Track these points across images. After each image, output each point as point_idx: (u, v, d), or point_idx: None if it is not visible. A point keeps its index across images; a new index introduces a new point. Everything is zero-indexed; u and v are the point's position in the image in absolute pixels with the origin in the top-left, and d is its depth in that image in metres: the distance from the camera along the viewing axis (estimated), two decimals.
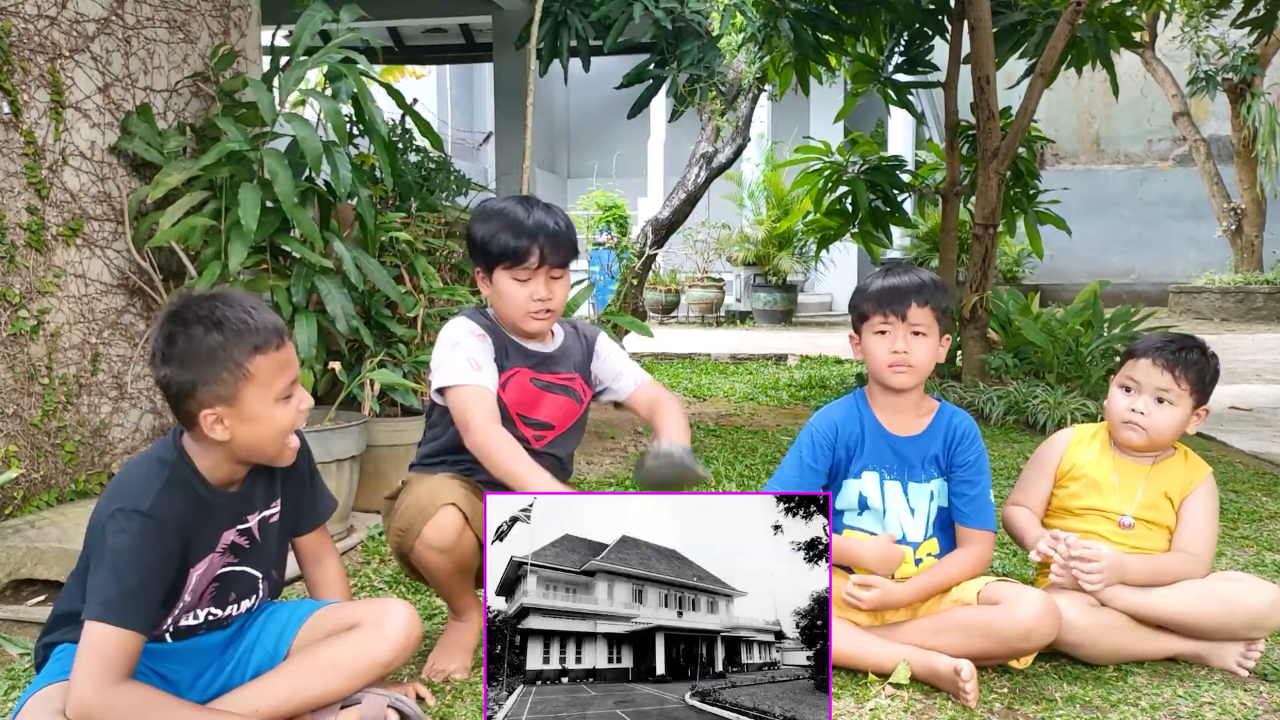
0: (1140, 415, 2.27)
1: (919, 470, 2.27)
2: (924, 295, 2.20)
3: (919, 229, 12.99)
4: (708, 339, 10.61)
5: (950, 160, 6.00)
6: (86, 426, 3.11)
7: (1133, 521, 2.30)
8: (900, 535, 2.27)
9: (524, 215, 2.19)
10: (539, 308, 2.21)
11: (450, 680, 2.12)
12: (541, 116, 16.18)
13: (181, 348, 1.70)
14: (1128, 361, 2.34)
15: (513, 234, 2.17)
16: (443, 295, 3.77)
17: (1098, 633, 2.16)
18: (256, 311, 1.75)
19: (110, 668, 1.62)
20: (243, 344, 1.71)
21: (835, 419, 2.31)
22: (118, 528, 1.68)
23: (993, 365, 5.56)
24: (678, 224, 8.20)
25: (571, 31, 4.75)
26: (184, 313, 1.72)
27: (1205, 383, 2.27)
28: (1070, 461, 2.38)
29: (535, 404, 2.27)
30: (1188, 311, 13.13)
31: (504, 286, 2.21)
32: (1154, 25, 12.73)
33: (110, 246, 3.18)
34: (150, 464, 1.77)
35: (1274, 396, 6.34)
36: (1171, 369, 2.25)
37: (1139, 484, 2.32)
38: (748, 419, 5.57)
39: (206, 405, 1.72)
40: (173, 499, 1.73)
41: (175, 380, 1.72)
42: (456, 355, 2.18)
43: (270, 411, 1.76)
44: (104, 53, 3.14)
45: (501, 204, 2.25)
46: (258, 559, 1.91)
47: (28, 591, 2.56)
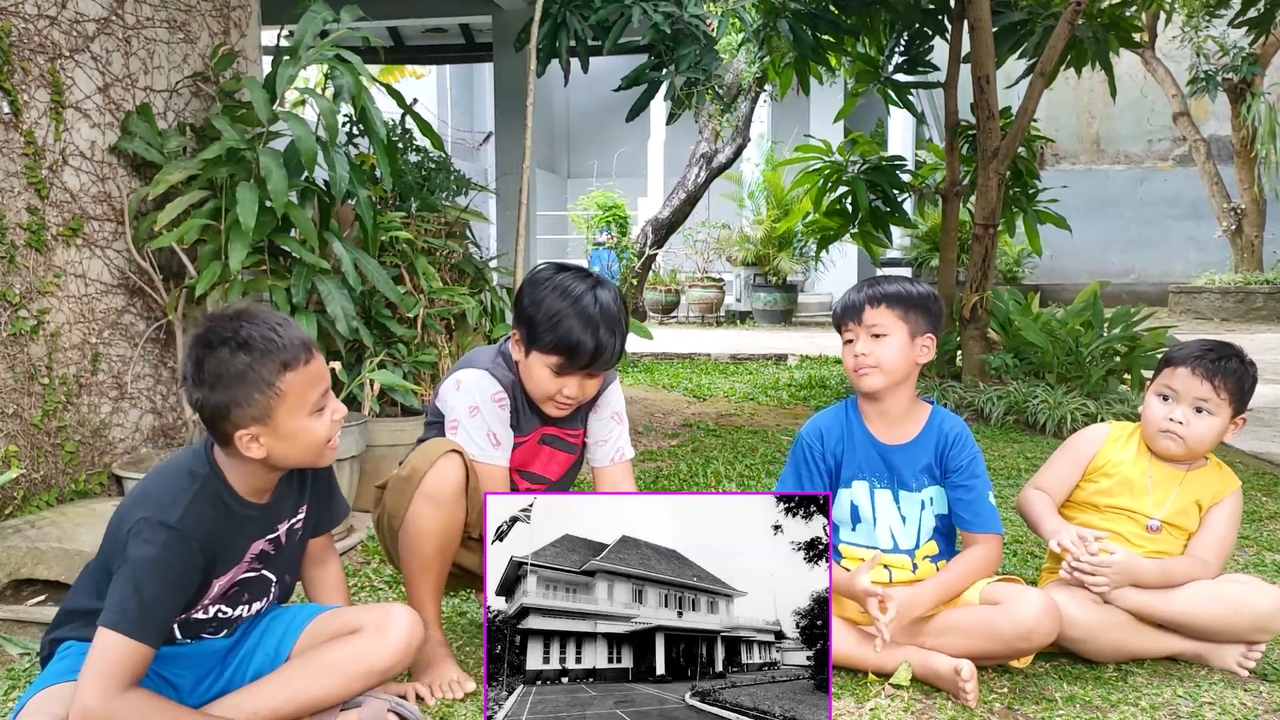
0: (1179, 425, 2.24)
1: (910, 480, 2.25)
2: (878, 297, 2.21)
3: (919, 229, 12.99)
4: (708, 339, 10.61)
5: (950, 160, 6.01)
6: (86, 426, 3.11)
7: (1160, 526, 2.28)
8: (892, 544, 2.25)
9: (591, 316, 2.04)
10: (565, 402, 2.15)
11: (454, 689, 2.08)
12: (541, 116, 16.18)
13: (211, 371, 1.69)
14: (1165, 370, 2.29)
15: (575, 329, 2.04)
16: (442, 295, 3.77)
17: (1100, 629, 2.16)
18: (282, 328, 1.73)
19: (117, 676, 1.62)
20: (271, 362, 1.69)
21: (821, 426, 2.30)
22: (142, 538, 1.67)
23: (993, 365, 5.56)
24: (678, 224, 8.22)
25: (570, 33, 4.75)
26: (210, 335, 1.71)
27: (1244, 391, 2.24)
28: (1105, 457, 2.35)
29: (534, 459, 2.27)
30: (1188, 312, 13.12)
31: (537, 371, 2.11)
32: (1154, 25, 12.73)
33: (110, 246, 3.18)
34: (180, 475, 1.76)
35: (1274, 396, 6.34)
36: (1211, 378, 2.21)
37: (1172, 489, 2.29)
38: (748, 419, 5.57)
39: (241, 426, 1.71)
40: (201, 514, 1.72)
41: (209, 403, 1.71)
42: (477, 424, 2.12)
43: (306, 425, 1.75)
44: (104, 53, 3.14)
45: (571, 284, 2.08)
46: (280, 564, 1.91)
47: (28, 591, 2.56)
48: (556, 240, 15.59)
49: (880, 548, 2.26)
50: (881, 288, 2.23)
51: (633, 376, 7.31)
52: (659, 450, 4.66)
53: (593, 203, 12.48)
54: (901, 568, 2.26)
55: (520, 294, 2.15)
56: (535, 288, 2.11)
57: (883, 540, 2.26)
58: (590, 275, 2.15)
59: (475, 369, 2.17)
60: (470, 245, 4.39)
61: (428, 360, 3.65)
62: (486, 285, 4.24)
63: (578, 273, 2.14)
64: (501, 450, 2.14)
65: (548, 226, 15.04)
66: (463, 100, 17.61)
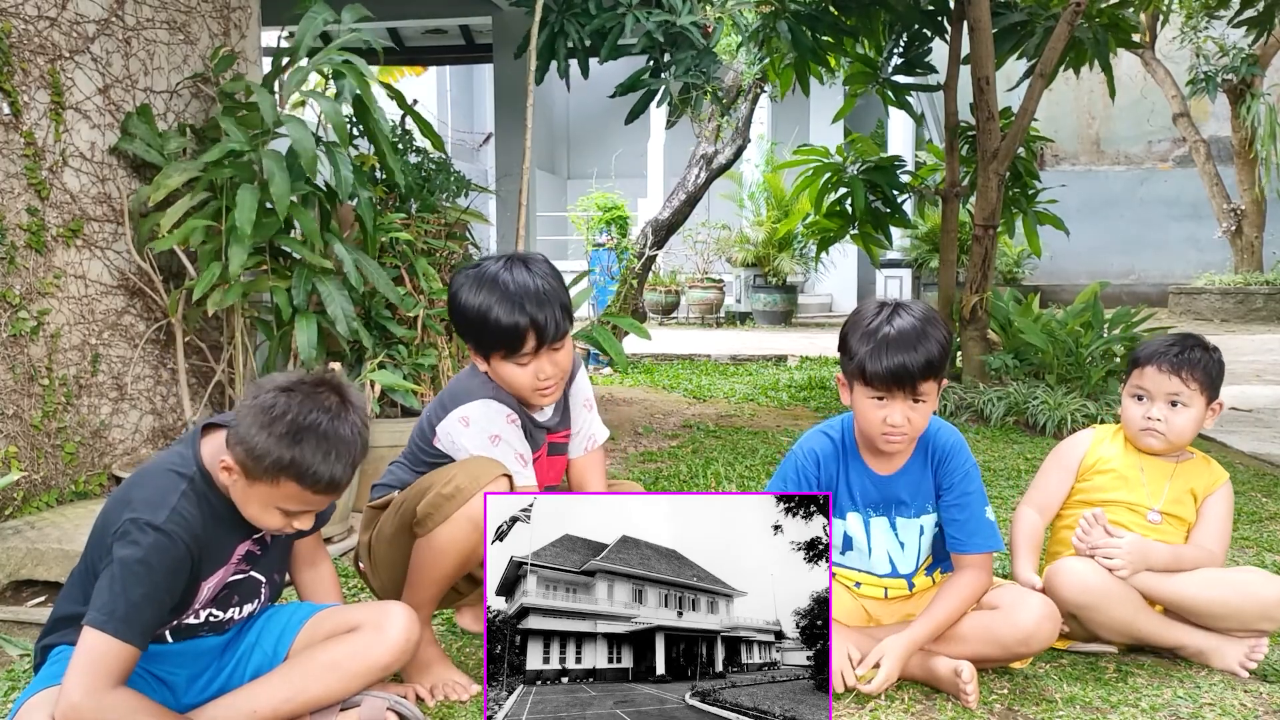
0: (1158, 422, 2.29)
1: (908, 507, 2.19)
2: (931, 369, 2.01)
3: (919, 230, 12.99)
4: (708, 340, 10.61)
5: (950, 161, 6.00)
6: (86, 427, 3.11)
7: (1160, 517, 2.31)
8: (890, 569, 2.23)
9: (512, 297, 2.01)
10: (547, 384, 2.10)
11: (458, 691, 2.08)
12: (541, 117, 16.18)
13: (275, 416, 1.67)
14: (1134, 370, 2.35)
15: (503, 317, 2.01)
16: (442, 296, 3.77)
17: (1112, 599, 2.16)
18: (338, 452, 1.71)
19: (103, 675, 1.62)
20: (292, 467, 1.67)
21: (818, 451, 2.21)
22: (130, 540, 1.66)
23: (993, 366, 5.56)
24: (678, 225, 8.21)
25: (568, 40, 4.75)
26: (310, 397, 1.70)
27: (1214, 378, 2.29)
28: (1095, 456, 2.39)
29: (548, 471, 2.24)
30: (1188, 312, 13.13)
31: (506, 371, 2.08)
32: (1154, 26, 12.74)
33: (110, 247, 3.18)
34: (168, 475, 1.75)
35: (1274, 397, 6.34)
36: (1178, 372, 2.27)
37: (1165, 480, 2.34)
38: (748, 420, 5.57)
39: (230, 457, 1.71)
40: (188, 514, 1.71)
41: (234, 428, 1.71)
42: (503, 451, 2.07)
43: (264, 514, 1.75)
44: (104, 54, 3.14)
45: (480, 276, 2.05)
46: (267, 564, 1.91)
47: (28, 592, 2.56)
48: (556, 241, 15.58)
49: (876, 573, 2.23)
50: (935, 361, 2.02)
51: (633, 377, 7.31)
52: (659, 451, 4.66)
53: (593, 204, 12.47)
54: (898, 588, 2.24)
55: (450, 312, 2.12)
56: (454, 300, 2.09)
57: (879, 566, 2.23)
58: (502, 258, 2.10)
59: (476, 401, 2.11)
60: (470, 246, 4.39)
61: (428, 361, 3.65)
62: None
63: (487, 262, 2.10)
64: (529, 470, 2.11)
65: (548, 227, 15.04)
66: (463, 101, 17.62)
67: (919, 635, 2.07)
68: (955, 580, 2.15)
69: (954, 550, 2.17)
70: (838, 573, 2.26)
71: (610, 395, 6.36)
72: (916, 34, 6.06)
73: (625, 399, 6.26)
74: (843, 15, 5.86)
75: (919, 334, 2.01)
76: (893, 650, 2.04)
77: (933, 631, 2.09)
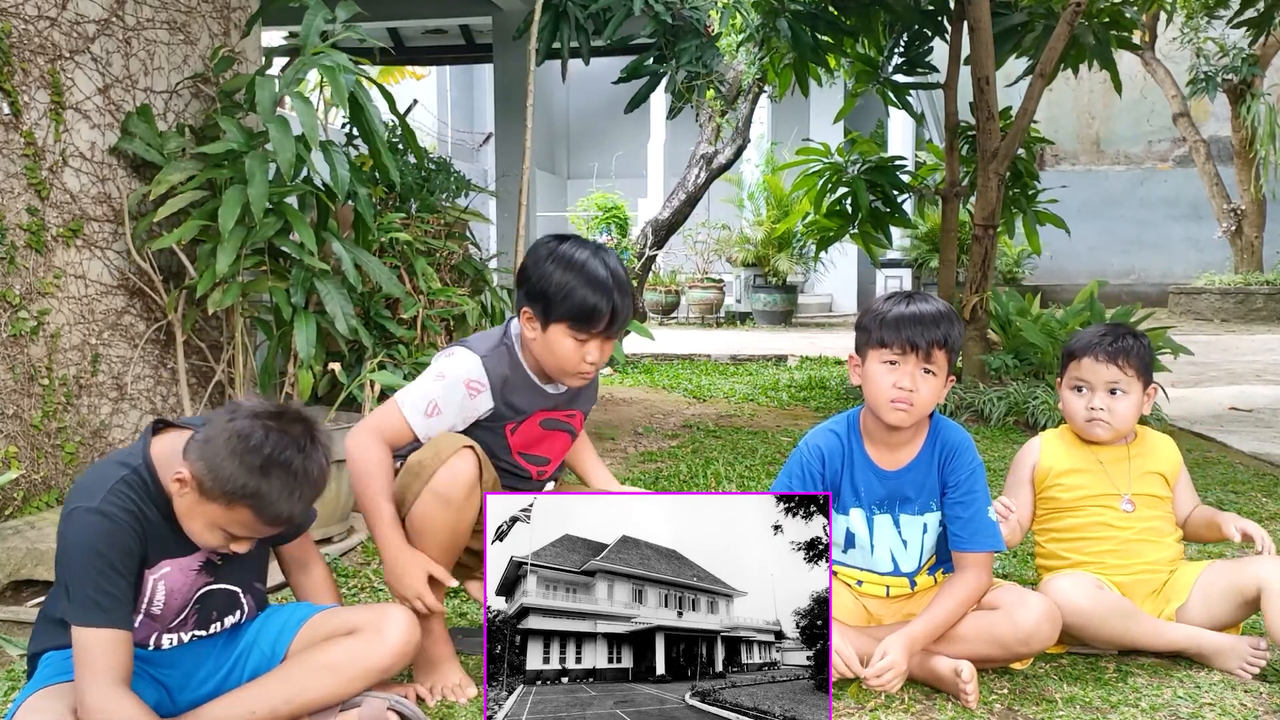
0: (1101, 411, 2.33)
1: (912, 504, 2.20)
2: (944, 331, 2.08)
3: (919, 230, 12.99)
4: (708, 340, 10.61)
5: (950, 161, 6.00)
6: (86, 427, 3.11)
7: (1132, 505, 2.33)
8: (892, 566, 2.23)
9: (601, 281, 2.05)
10: (589, 369, 2.13)
11: (457, 694, 2.08)
12: (541, 117, 16.18)
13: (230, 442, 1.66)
14: (1070, 363, 2.39)
15: (589, 295, 2.04)
16: (442, 296, 3.77)
17: (1101, 616, 2.16)
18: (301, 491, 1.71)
19: (107, 669, 1.63)
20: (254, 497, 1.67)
21: (823, 447, 2.23)
22: (74, 528, 1.68)
23: (992, 366, 5.57)
24: (678, 225, 8.21)
25: (571, 23, 4.74)
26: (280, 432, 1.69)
27: (1147, 364, 2.35)
28: (1049, 460, 2.40)
29: (538, 443, 2.25)
30: (1188, 312, 13.13)
31: (558, 342, 2.08)
32: (1154, 26, 12.74)
33: (110, 247, 3.18)
34: (110, 465, 1.76)
35: (1274, 397, 6.34)
36: (1114, 360, 2.32)
37: (1125, 464, 2.37)
38: (748, 420, 5.57)
39: (187, 470, 1.70)
40: (125, 495, 1.71)
41: (197, 442, 1.70)
42: (432, 390, 2.09)
43: (206, 531, 1.74)
44: (104, 54, 3.14)
45: (575, 253, 2.09)
46: (233, 574, 1.88)
47: (28, 592, 2.56)
48: None
49: (878, 571, 2.24)
50: (948, 323, 2.10)
51: (633, 377, 7.31)
52: (659, 451, 4.66)
53: (593, 203, 12.49)
54: (899, 586, 2.24)
55: (524, 271, 2.13)
56: (540, 263, 2.10)
57: (882, 564, 2.23)
58: (589, 243, 2.15)
59: (474, 352, 2.15)
60: (470, 246, 4.40)
61: (427, 361, 3.65)
62: (486, 286, 4.24)
63: (576, 241, 2.14)
64: (430, 424, 2.09)
65: (548, 227, 15.04)
66: (463, 101, 17.63)
67: (919, 634, 2.07)
68: (956, 580, 2.15)
69: (955, 548, 2.18)
70: (839, 571, 2.26)
71: (610, 395, 6.36)
72: (916, 34, 6.06)
73: (625, 399, 6.26)
74: (842, 15, 5.86)
75: (938, 313, 2.11)
76: (893, 648, 2.04)
77: (933, 630, 2.08)
